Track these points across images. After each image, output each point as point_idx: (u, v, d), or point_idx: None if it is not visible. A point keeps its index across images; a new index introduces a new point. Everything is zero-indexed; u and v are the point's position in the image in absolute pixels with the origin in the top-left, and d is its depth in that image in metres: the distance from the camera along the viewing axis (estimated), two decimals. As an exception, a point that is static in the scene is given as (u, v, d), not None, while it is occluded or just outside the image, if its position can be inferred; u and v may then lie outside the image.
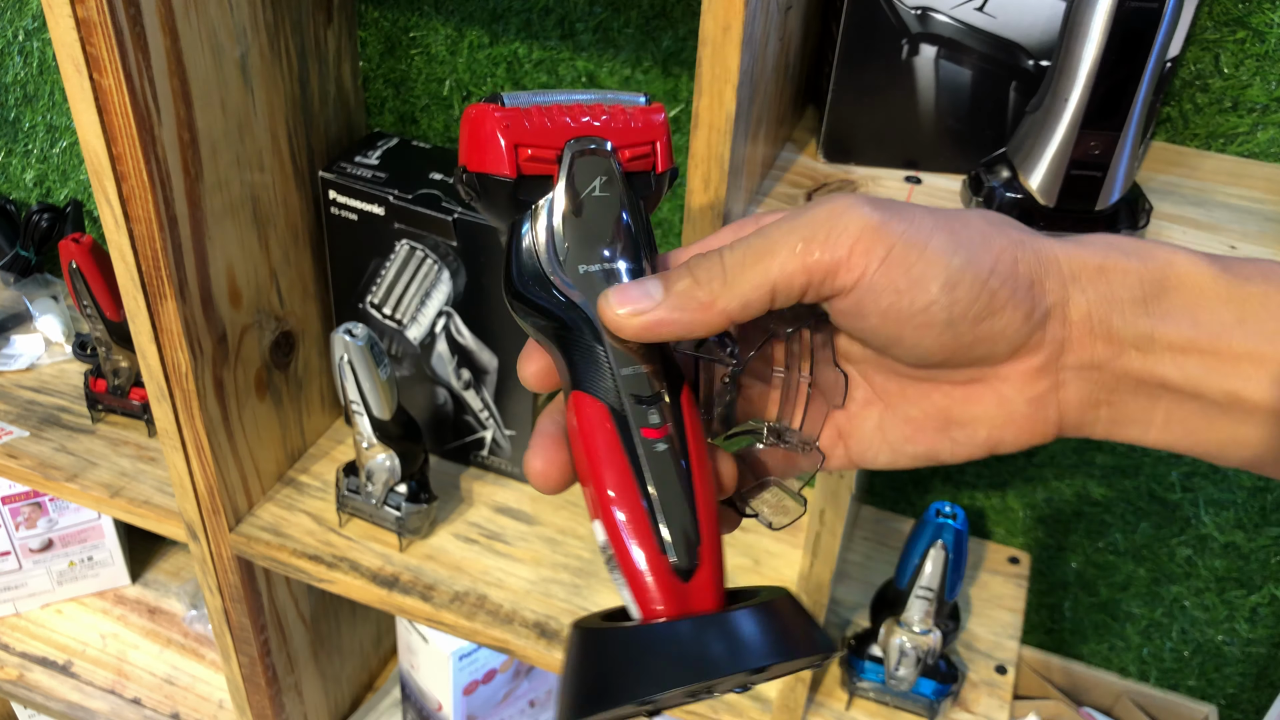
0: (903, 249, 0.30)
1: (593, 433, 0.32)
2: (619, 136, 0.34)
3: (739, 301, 0.31)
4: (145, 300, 0.70)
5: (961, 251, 0.30)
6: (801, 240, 0.31)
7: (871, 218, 0.30)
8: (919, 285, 0.30)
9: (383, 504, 0.82)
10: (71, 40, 0.59)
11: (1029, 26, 0.58)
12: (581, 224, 0.33)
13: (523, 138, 0.33)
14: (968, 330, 0.31)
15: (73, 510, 1.10)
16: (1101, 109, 0.51)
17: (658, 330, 0.32)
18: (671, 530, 0.32)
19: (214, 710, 1.08)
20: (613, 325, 0.32)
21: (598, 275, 0.33)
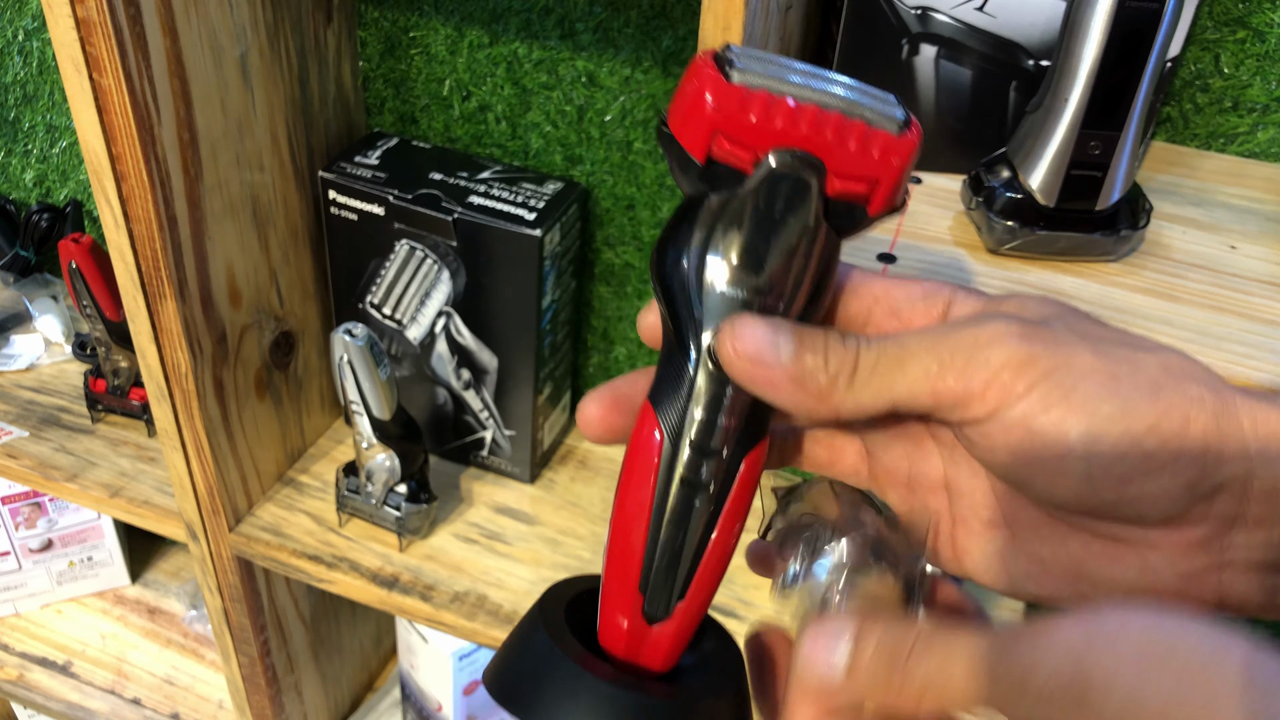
0: (1046, 388, 0.27)
1: (638, 453, 0.31)
2: (840, 160, 0.29)
3: (853, 406, 0.29)
4: (145, 300, 0.70)
5: (1116, 400, 0.27)
6: (938, 362, 0.28)
7: (1019, 350, 0.27)
8: (1056, 429, 0.27)
9: (382, 504, 0.82)
10: (71, 40, 0.59)
11: (1029, 26, 0.58)
12: (748, 242, 0.29)
13: (727, 125, 0.28)
14: (1111, 489, 0.27)
15: (72, 510, 1.10)
16: (1102, 109, 0.51)
17: (762, 387, 0.29)
18: (658, 576, 0.31)
19: (214, 710, 1.08)
20: (722, 355, 0.29)
21: (734, 301, 0.29)
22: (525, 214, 0.77)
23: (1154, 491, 0.27)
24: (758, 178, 0.29)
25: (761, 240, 0.29)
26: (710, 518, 0.31)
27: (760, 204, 0.29)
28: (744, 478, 0.31)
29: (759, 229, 0.29)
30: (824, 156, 0.29)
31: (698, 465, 0.30)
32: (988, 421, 0.28)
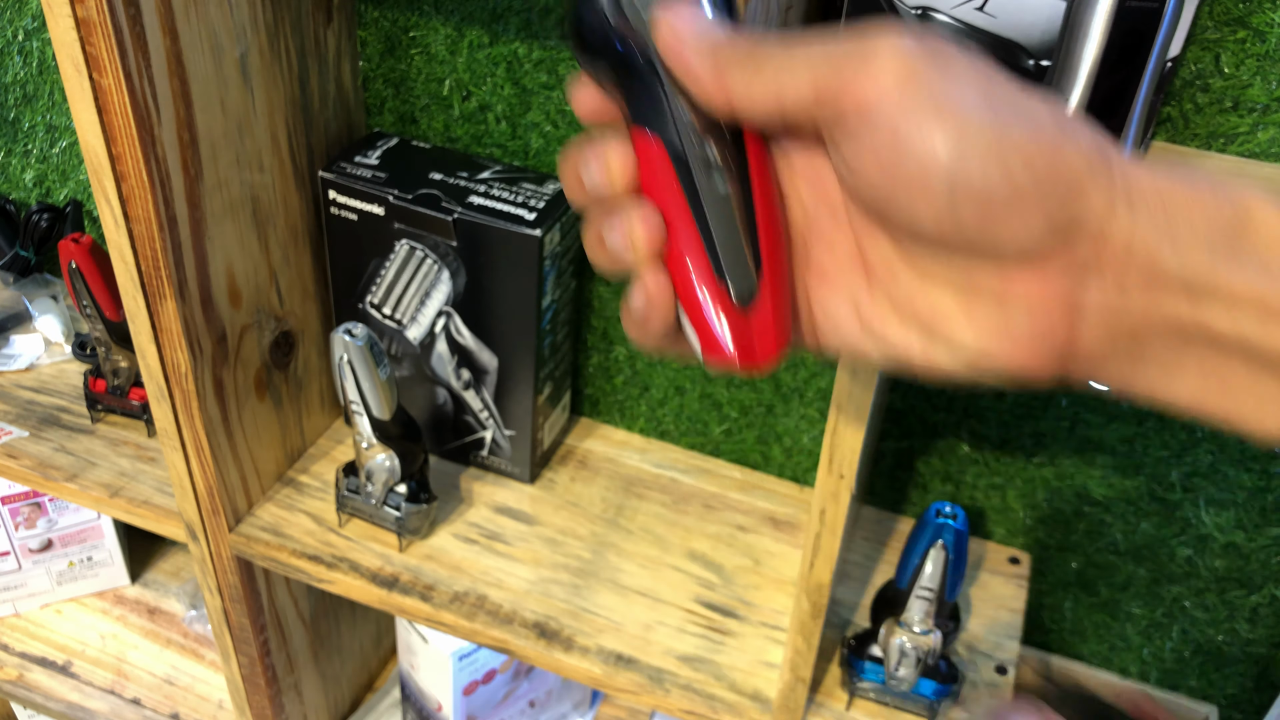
0: (917, 83, 0.26)
1: (653, 168, 0.32)
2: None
3: (745, 98, 0.29)
4: (145, 300, 0.70)
5: (990, 113, 0.26)
6: (825, 55, 0.28)
7: (902, 51, 0.27)
8: (921, 132, 0.26)
9: (382, 504, 0.82)
10: (71, 40, 0.59)
11: (1029, 26, 0.58)
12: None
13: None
14: (972, 212, 0.26)
15: (72, 510, 1.10)
16: (1102, 109, 0.51)
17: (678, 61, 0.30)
18: (727, 254, 0.31)
19: (213, 710, 1.08)
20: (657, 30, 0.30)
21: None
22: (525, 214, 0.77)
23: (1015, 221, 0.26)
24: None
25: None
26: (742, 185, 0.32)
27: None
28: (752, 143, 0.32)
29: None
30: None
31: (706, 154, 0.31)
32: (857, 125, 0.27)
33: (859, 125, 0.27)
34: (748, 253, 0.31)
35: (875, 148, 0.27)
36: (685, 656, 0.77)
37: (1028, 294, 0.28)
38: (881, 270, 0.31)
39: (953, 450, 0.87)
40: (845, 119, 0.27)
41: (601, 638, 0.78)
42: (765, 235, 0.32)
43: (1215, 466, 0.81)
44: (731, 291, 0.31)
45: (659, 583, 0.82)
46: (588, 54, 0.32)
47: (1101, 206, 0.27)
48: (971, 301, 0.29)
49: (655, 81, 0.31)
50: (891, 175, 0.27)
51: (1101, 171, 0.27)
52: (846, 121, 0.27)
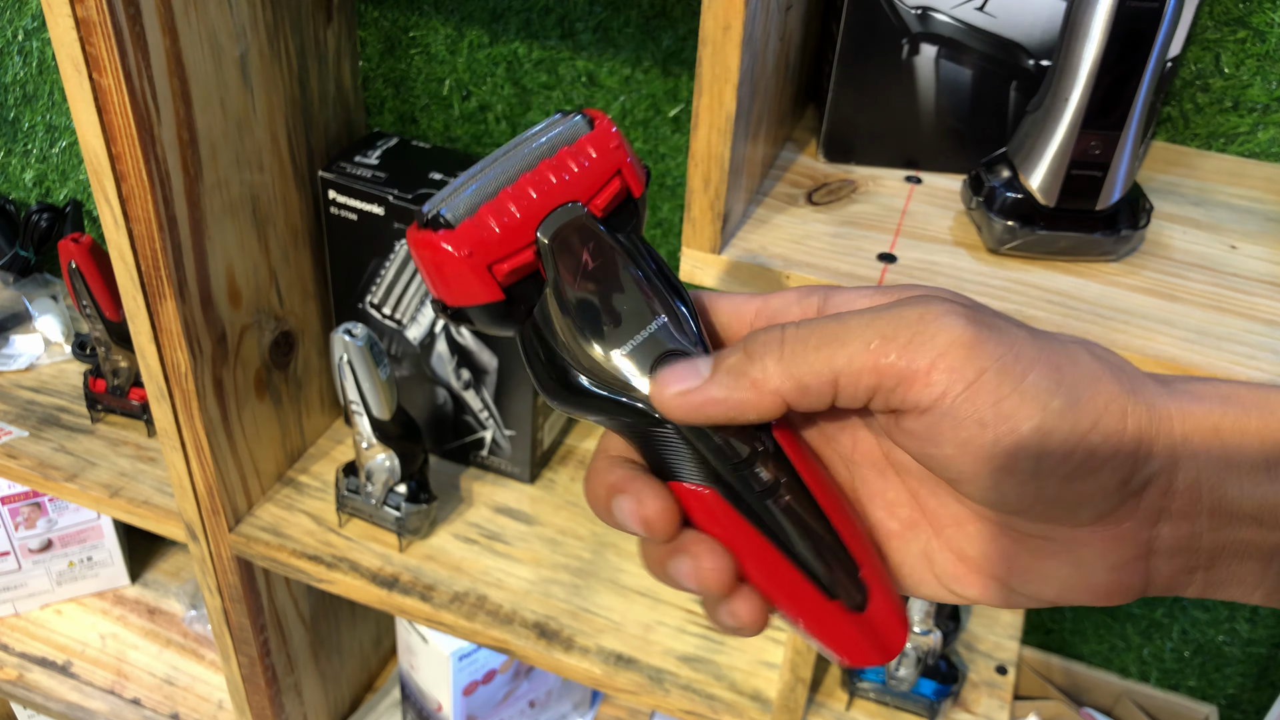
0: (995, 376, 0.26)
1: (714, 518, 0.30)
2: (583, 185, 0.30)
3: (795, 385, 0.27)
4: (144, 300, 0.70)
5: (1063, 394, 0.26)
6: (879, 337, 0.27)
7: (964, 333, 0.26)
8: (1008, 423, 0.26)
9: (382, 504, 0.82)
10: (71, 40, 0.59)
11: (1029, 26, 0.58)
12: (592, 305, 0.30)
13: (491, 252, 0.29)
14: (1054, 487, 0.26)
15: (72, 510, 1.10)
16: (1102, 108, 0.51)
17: (705, 411, 0.28)
18: (828, 574, 0.30)
19: (213, 711, 1.08)
20: (662, 407, 0.29)
21: (640, 349, 0.30)
22: (525, 214, 0.76)
23: (1093, 489, 0.26)
24: (548, 255, 0.29)
25: (606, 288, 0.30)
26: (805, 493, 0.30)
27: (570, 269, 0.30)
28: (790, 447, 0.31)
29: (596, 283, 0.30)
30: (569, 196, 0.30)
31: (753, 476, 0.30)
32: (933, 411, 0.26)
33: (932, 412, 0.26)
34: (835, 555, 0.30)
35: (956, 435, 0.26)
36: (685, 656, 0.77)
37: (1103, 546, 0.28)
38: (949, 527, 0.30)
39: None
40: (914, 400, 0.27)
41: (601, 638, 0.78)
42: (838, 523, 0.31)
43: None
44: (846, 604, 0.31)
45: (659, 583, 0.82)
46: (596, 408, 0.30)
47: (1165, 457, 0.27)
48: (1046, 554, 0.28)
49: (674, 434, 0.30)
50: (974, 458, 0.26)
51: (1160, 421, 0.27)
52: (915, 402, 0.27)
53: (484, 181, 0.29)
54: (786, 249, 0.55)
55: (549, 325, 0.30)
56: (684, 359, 0.29)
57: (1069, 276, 0.55)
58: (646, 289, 0.30)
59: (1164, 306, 0.53)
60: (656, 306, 0.30)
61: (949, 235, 0.57)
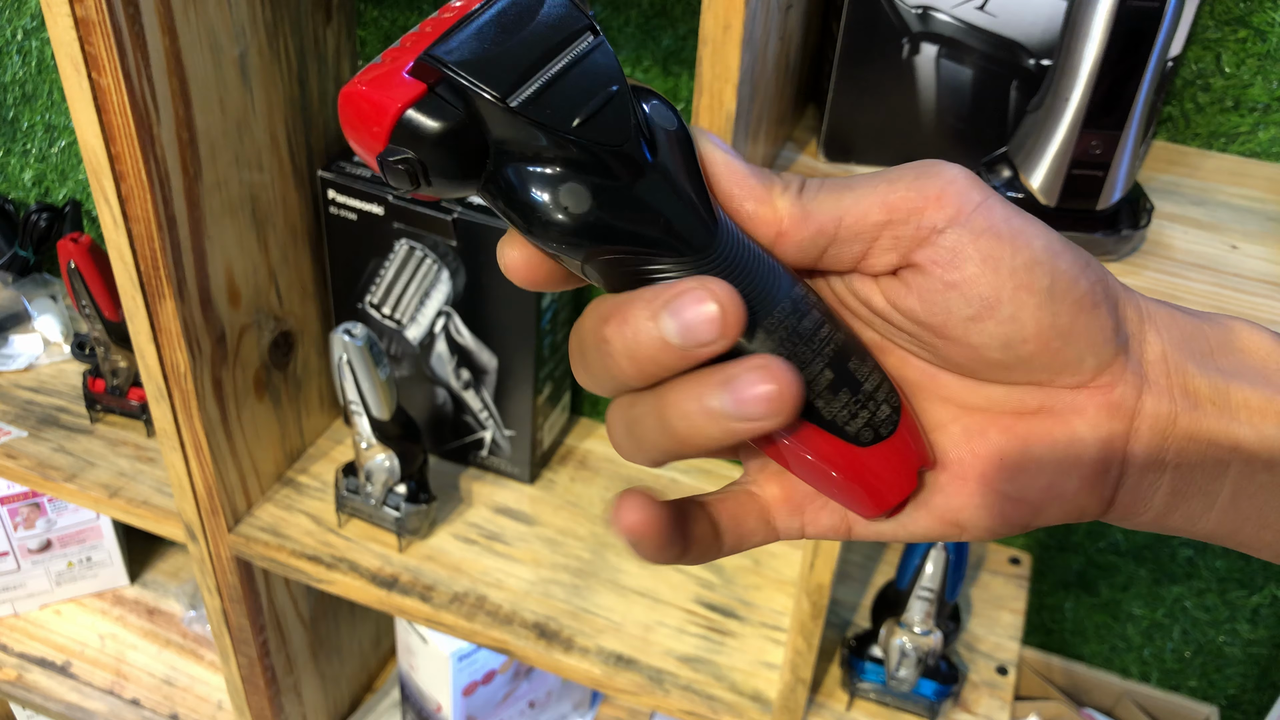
0: (999, 203, 0.27)
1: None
2: None
3: (798, 211, 0.27)
4: (144, 300, 0.70)
5: (1050, 235, 0.27)
6: (885, 180, 0.27)
7: (962, 171, 0.27)
8: (1021, 237, 0.27)
9: (382, 504, 0.82)
10: (70, 40, 0.59)
11: (1030, 26, 0.58)
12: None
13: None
14: (1067, 315, 0.27)
15: (71, 511, 1.10)
16: (1103, 108, 0.50)
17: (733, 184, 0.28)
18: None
19: (213, 711, 1.08)
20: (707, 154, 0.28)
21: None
22: (525, 214, 0.76)
23: (1094, 327, 0.27)
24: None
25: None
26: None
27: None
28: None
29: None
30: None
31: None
32: (950, 229, 0.27)
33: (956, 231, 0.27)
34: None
35: (980, 251, 0.27)
36: (685, 657, 0.77)
37: (1096, 415, 0.28)
38: (933, 432, 0.30)
39: (953, 450, 0.87)
40: (930, 222, 0.27)
41: (601, 638, 0.78)
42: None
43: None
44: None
45: (659, 583, 0.82)
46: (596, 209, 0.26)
47: (1136, 321, 0.28)
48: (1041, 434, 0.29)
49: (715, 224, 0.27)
50: (996, 271, 0.27)
51: (1126, 292, 0.28)
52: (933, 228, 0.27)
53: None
54: (787, 249, 0.55)
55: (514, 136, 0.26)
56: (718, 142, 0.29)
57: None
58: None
59: (1165, 306, 0.52)
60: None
61: (949, 235, 0.57)
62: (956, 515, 0.30)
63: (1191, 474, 0.28)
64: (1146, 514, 0.29)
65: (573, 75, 0.27)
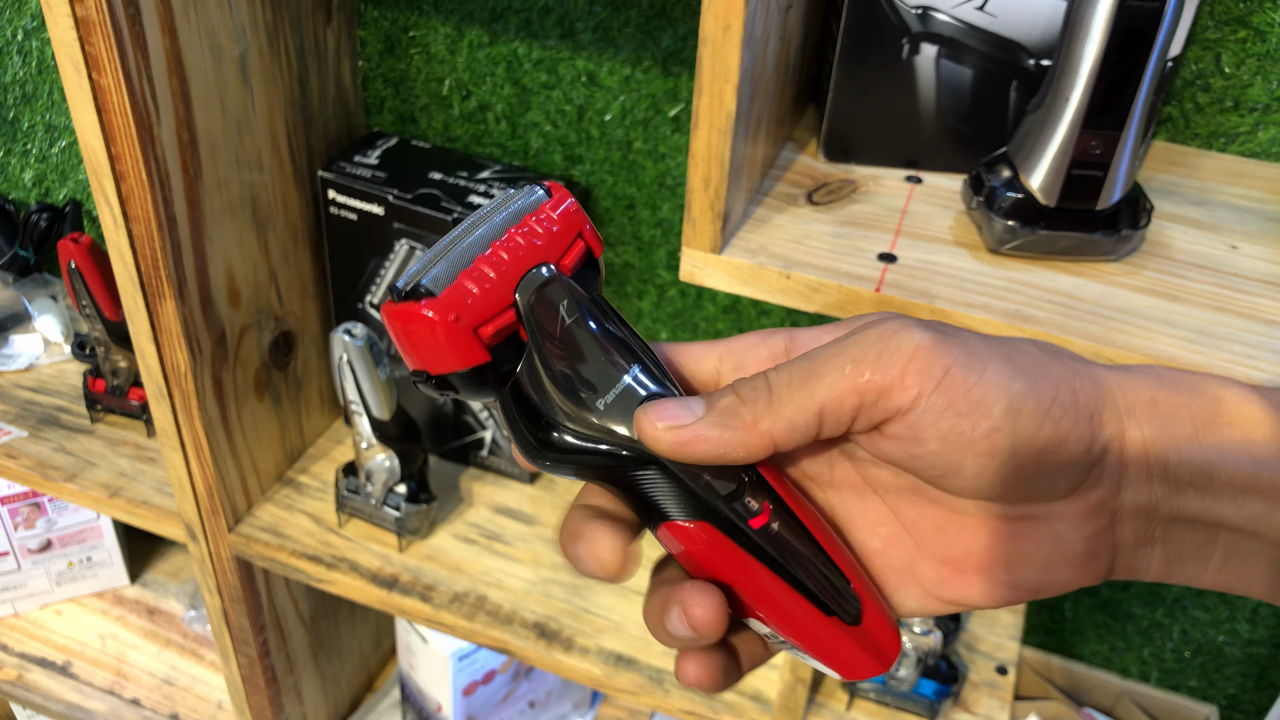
0: (960, 371, 0.29)
1: (708, 552, 0.31)
2: (549, 248, 0.31)
3: (784, 424, 0.29)
4: (144, 300, 0.70)
5: (1021, 378, 0.29)
6: (851, 362, 0.29)
7: (924, 339, 0.29)
8: (980, 409, 0.28)
9: (382, 504, 0.82)
10: (70, 40, 0.59)
11: (1030, 26, 0.58)
12: (574, 359, 0.31)
13: (474, 315, 0.30)
14: (1031, 462, 0.29)
15: (71, 510, 1.10)
16: (1102, 108, 0.51)
17: (696, 446, 0.30)
18: (823, 592, 0.31)
19: (213, 711, 1.08)
20: (650, 440, 0.30)
21: (620, 397, 0.31)
22: (525, 214, 0.76)
23: (1063, 460, 0.29)
24: (527, 315, 0.31)
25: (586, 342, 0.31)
26: (794, 519, 0.32)
27: (549, 327, 0.31)
28: (773, 477, 0.32)
29: (576, 337, 0.31)
30: (539, 259, 0.31)
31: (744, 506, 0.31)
32: (912, 411, 0.29)
33: (912, 412, 0.29)
34: (827, 572, 0.31)
35: (938, 429, 0.29)
36: (685, 657, 0.77)
37: (1077, 518, 0.30)
38: (930, 534, 0.32)
39: (953, 450, 0.87)
40: (894, 405, 0.29)
41: (601, 638, 0.78)
42: (825, 542, 0.32)
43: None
44: (842, 619, 0.31)
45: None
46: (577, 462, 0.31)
47: (1114, 425, 0.30)
48: (1025, 534, 0.31)
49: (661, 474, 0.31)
50: (957, 446, 0.29)
51: (1105, 394, 0.30)
52: (896, 406, 0.29)
53: (456, 252, 0.30)
54: (786, 249, 0.55)
55: (535, 382, 0.31)
56: (673, 398, 0.31)
57: (1069, 276, 0.54)
58: (620, 340, 0.32)
59: (1164, 306, 0.52)
60: (631, 356, 0.32)
61: (949, 235, 0.57)
62: (964, 599, 0.32)
63: (1180, 546, 0.31)
64: (1146, 577, 0.31)
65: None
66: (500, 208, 0.32)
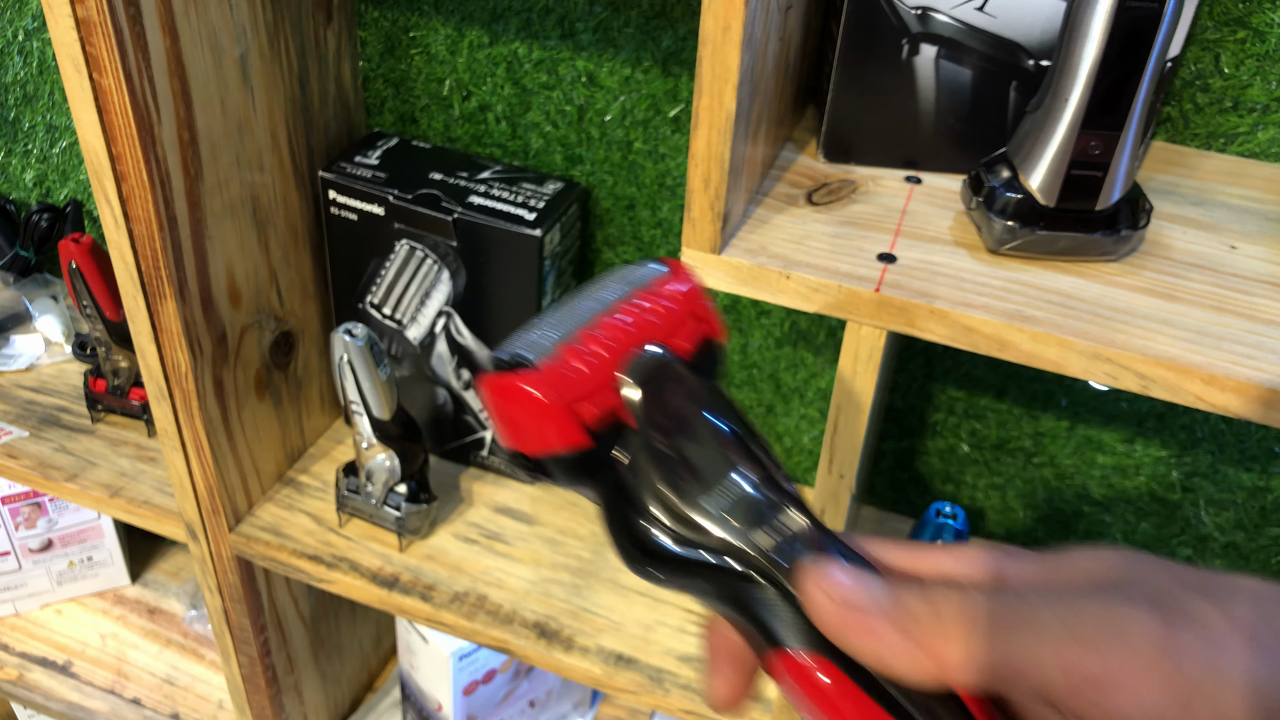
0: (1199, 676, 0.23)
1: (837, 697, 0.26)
2: (664, 328, 0.28)
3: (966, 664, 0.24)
4: (145, 300, 0.70)
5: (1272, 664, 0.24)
6: (1070, 632, 0.24)
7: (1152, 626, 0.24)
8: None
9: (382, 504, 0.82)
10: (71, 40, 0.59)
11: (1029, 26, 0.58)
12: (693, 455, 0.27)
13: (575, 392, 0.26)
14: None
15: (72, 510, 1.10)
16: (1102, 108, 0.51)
17: (861, 638, 0.25)
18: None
19: (214, 710, 1.08)
20: (811, 601, 0.26)
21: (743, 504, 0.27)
22: (525, 214, 0.77)
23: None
24: (638, 400, 0.27)
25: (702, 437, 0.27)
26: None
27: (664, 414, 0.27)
28: None
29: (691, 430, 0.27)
30: (650, 339, 0.28)
31: None
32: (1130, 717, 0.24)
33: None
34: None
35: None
36: (685, 656, 0.77)
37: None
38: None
39: (953, 450, 0.87)
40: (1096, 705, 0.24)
41: (601, 638, 0.78)
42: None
43: (1215, 466, 0.81)
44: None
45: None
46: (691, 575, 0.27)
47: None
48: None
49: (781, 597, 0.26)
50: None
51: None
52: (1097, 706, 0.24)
53: (559, 323, 0.27)
54: (786, 249, 0.55)
55: (640, 477, 0.27)
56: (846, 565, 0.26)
57: (1069, 276, 0.55)
58: (742, 439, 0.28)
59: (1164, 306, 0.53)
60: (754, 459, 0.28)
61: (949, 235, 0.57)
62: None
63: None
64: None
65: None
66: (611, 280, 0.28)
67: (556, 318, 0.27)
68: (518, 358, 0.27)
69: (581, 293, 0.28)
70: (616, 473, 0.27)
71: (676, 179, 0.81)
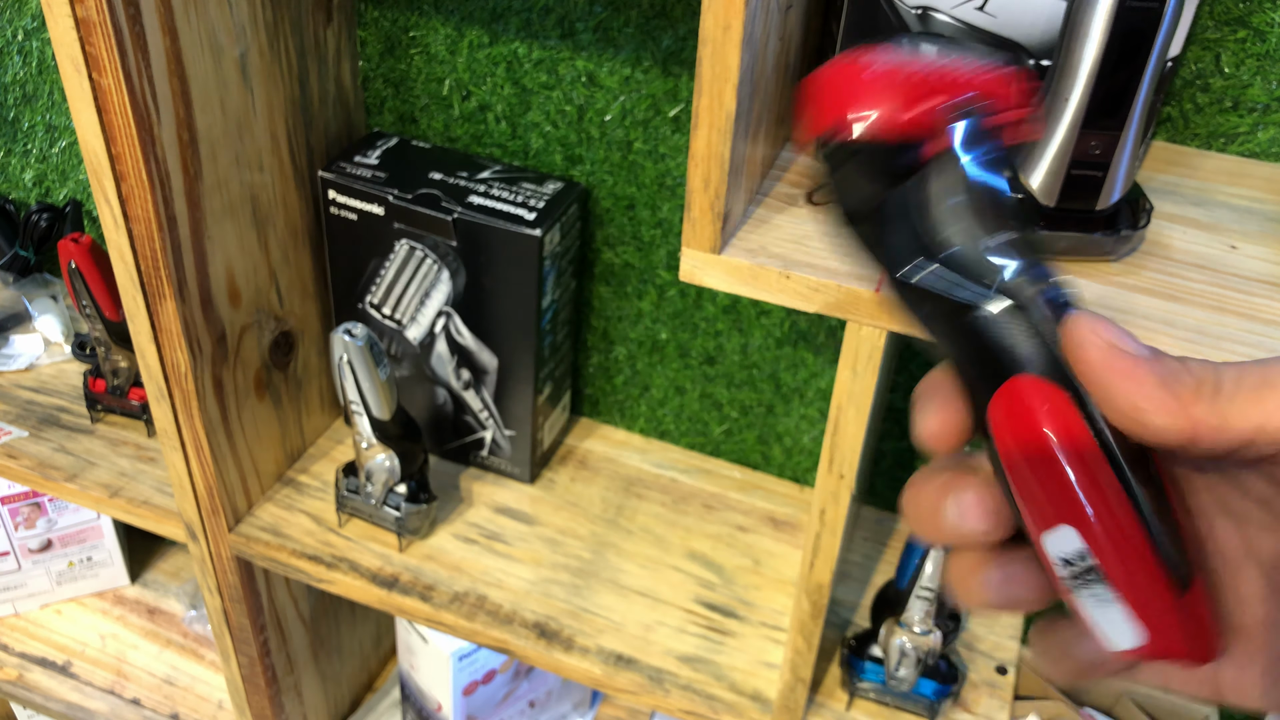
0: None
1: (1058, 426, 0.27)
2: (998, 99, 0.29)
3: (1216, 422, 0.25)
4: (144, 300, 0.70)
5: None
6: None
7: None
8: None
9: (382, 504, 0.82)
10: (71, 40, 0.59)
11: (1029, 26, 0.58)
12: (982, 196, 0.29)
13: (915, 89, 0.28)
14: None
15: (72, 510, 1.10)
16: (1102, 109, 0.51)
17: (1123, 382, 0.26)
18: (1165, 537, 0.27)
19: (213, 711, 1.08)
20: (1080, 341, 0.27)
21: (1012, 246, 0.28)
22: (525, 214, 0.77)
23: None
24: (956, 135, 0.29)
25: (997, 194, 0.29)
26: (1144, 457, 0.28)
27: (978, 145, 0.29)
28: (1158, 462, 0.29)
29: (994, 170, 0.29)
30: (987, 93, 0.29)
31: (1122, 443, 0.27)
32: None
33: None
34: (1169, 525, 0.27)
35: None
36: (685, 657, 0.77)
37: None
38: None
39: (953, 450, 0.87)
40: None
41: (601, 638, 0.78)
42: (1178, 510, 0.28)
43: (1215, 466, 0.81)
44: (1171, 575, 0.27)
45: (659, 583, 0.82)
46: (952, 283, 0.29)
47: None
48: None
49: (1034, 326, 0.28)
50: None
51: None
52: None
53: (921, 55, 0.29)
54: (786, 249, 0.55)
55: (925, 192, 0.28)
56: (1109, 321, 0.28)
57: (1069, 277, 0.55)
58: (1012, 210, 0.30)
59: (1164, 306, 0.53)
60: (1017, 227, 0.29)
61: (949, 235, 0.57)
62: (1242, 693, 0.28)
63: None
64: None
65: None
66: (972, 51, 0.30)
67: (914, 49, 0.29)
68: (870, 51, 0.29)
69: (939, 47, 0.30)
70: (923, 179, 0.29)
71: (676, 179, 0.81)
